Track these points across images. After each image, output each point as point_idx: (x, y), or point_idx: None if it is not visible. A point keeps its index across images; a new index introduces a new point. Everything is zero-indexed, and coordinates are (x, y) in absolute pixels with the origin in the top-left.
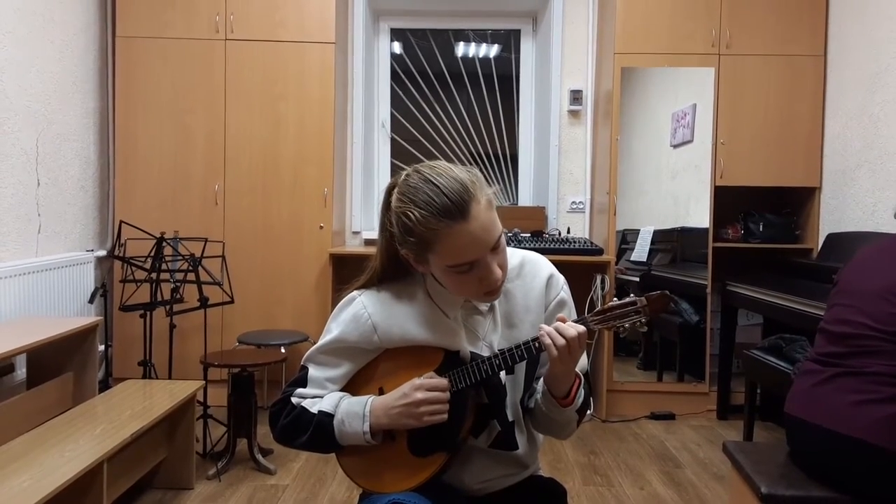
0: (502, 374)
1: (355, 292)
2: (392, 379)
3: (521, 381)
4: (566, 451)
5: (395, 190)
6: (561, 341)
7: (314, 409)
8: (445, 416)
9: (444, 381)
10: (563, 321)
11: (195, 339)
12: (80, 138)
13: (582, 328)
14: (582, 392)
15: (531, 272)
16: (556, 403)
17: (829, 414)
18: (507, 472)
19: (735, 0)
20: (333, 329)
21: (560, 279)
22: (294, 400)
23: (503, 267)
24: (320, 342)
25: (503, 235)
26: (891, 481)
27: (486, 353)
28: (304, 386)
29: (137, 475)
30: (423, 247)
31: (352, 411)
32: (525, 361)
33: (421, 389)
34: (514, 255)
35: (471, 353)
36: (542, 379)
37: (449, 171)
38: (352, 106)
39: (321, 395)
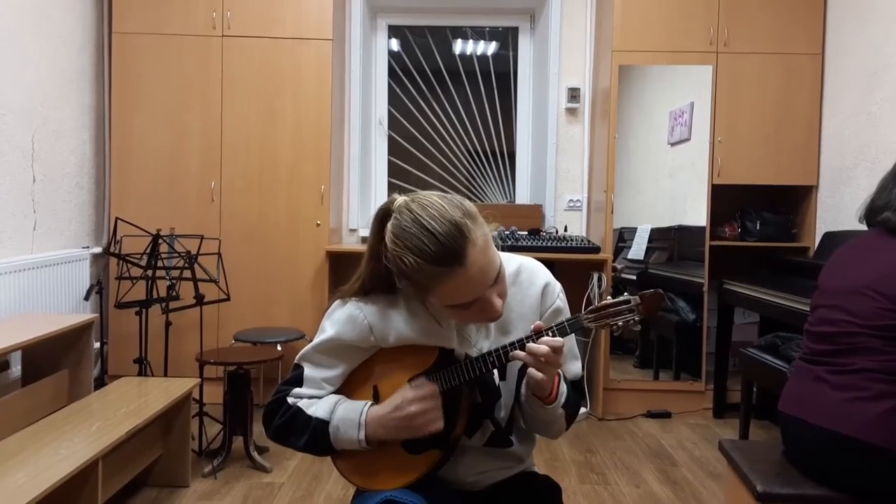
0: (496, 376)
1: (346, 298)
2: (387, 379)
3: (514, 384)
4: (562, 450)
5: (389, 226)
6: (532, 359)
7: (310, 412)
8: (442, 423)
9: (434, 388)
10: (539, 329)
11: (191, 337)
12: (75, 135)
13: (545, 350)
14: (564, 388)
15: (527, 280)
16: (540, 403)
17: (821, 412)
18: (502, 465)
19: None
20: (328, 328)
21: (556, 287)
22: (290, 400)
23: (503, 294)
24: (315, 341)
25: (502, 266)
26: (884, 479)
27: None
28: (300, 385)
29: (132, 473)
30: (422, 290)
31: (347, 418)
32: (519, 365)
33: (414, 402)
34: (511, 262)
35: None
36: (523, 382)
37: (442, 213)
38: (349, 103)
39: (318, 396)
